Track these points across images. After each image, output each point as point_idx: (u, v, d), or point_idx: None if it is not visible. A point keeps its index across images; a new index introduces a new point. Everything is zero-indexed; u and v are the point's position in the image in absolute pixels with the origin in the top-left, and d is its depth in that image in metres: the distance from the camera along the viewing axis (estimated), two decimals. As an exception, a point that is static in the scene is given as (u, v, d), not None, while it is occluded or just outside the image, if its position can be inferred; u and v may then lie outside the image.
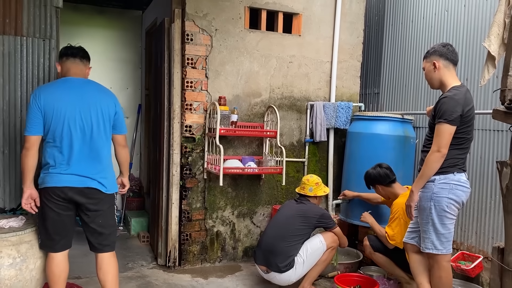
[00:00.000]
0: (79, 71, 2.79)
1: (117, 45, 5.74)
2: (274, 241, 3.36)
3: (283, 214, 3.52)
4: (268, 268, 3.38)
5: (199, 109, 3.99)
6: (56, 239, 2.73)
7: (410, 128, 4.16)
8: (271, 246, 3.36)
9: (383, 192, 3.52)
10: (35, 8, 3.37)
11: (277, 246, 3.33)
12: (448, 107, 2.61)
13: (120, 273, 3.82)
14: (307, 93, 4.42)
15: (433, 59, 2.78)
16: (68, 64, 2.77)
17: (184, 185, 3.98)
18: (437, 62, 2.76)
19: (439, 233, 2.70)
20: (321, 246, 3.38)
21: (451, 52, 2.78)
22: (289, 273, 3.32)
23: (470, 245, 3.64)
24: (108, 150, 2.80)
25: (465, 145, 2.72)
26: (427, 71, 2.83)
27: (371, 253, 3.50)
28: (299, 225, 3.38)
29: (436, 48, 2.79)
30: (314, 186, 3.55)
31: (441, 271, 2.74)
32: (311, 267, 3.39)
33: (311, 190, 3.54)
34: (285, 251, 3.31)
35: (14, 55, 3.31)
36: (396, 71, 4.61)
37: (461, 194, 2.70)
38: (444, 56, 2.76)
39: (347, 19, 4.52)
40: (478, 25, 3.68)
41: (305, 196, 3.56)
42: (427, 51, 2.86)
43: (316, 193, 3.54)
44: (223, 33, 4.03)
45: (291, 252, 3.33)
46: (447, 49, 2.78)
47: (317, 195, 3.56)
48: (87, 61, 2.87)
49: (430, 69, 2.80)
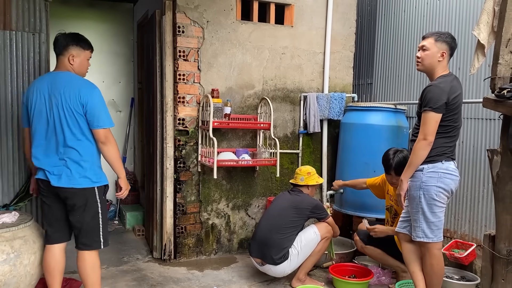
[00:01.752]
0: (60, 63, 2.74)
1: (109, 39, 5.69)
2: (268, 234, 3.37)
3: (277, 206, 3.53)
4: (263, 260, 3.40)
5: (192, 102, 3.98)
6: (49, 230, 2.78)
7: (403, 118, 4.18)
8: (265, 238, 3.37)
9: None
10: (24, 1, 3.35)
11: (271, 239, 3.34)
12: (433, 95, 2.63)
13: (116, 267, 3.84)
14: (300, 85, 4.41)
15: (444, 49, 2.76)
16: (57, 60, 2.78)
17: (178, 179, 3.98)
18: (445, 54, 2.77)
19: (429, 222, 2.72)
20: (315, 237, 3.40)
21: (456, 46, 2.83)
22: (284, 265, 3.34)
23: (464, 234, 3.67)
24: (79, 143, 2.65)
25: (453, 133, 2.74)
26: (431, 54, 2.76)
27: (363, 247, 3.52)
28: (292, 217, 3.39)
29: (450, 40, 2.77)
30: (305, 176, 3.55)
31: (432, 259, 2.77)
32: (305, 258, 3.40)
33: (302, 180, 3.55)
34: (279, 243, 3.33)
35: (4, 50, 3.28)
36: (389, 61, 4.61)
37: (450, 183, 2.72)
38: (452, 50, 2.81)
39: (340, 9, 4.51)
40: (470, 14, 3.68)
41: (298, 186, 3.57)
42: (441, 34, 2.78)
43: (308, 183, 3.55)
44: (215, 24, 4.01)
45: (285, 244, 3.34)
46: (455, 44, 2.82)
47: (309, 185, 3.56)
48: (66, 50, 2.71)
49: (435, 55, 2.76)
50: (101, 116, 2.66)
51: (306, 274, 3.48)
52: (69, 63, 2.73)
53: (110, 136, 2.72)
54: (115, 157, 2.75)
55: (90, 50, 2.83)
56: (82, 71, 2.81)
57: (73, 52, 2.72)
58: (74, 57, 2.73)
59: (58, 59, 2.75)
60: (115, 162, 2.77)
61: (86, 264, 2.76)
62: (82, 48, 2.76)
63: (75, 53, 2.73)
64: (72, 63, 2.73)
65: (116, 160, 2.76)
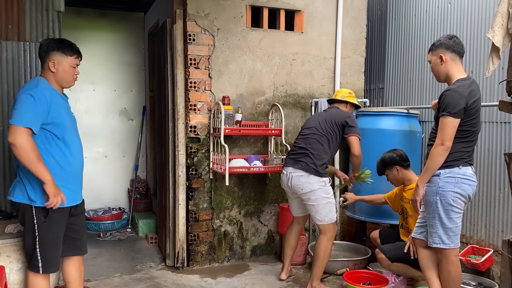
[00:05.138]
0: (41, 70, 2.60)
1: (120, 48, 5.75)
2: (303, 143, 3.47)
3: (313, 120, 3.59)
4: (293, 167, 3.45)
5: (203, 109, 3.99)
6: None
7: (416, 122, 4.13)
8: (301, 148, 3.47)
9: (399, 176, 3.46)
10: (37, 13, 3.39)
11: (307, 147, 3.43)
12: (452, 99, 2.59)
13: (129, 275, 3.85)
14: (311, 90, 4.40)
15: (440, 52, 2.74)
16: None
17: (190, 186, 3.98)
18: (444, 55, 2.72)
19: (446, 228, 2.67)
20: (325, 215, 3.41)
21: (457, 44, 2.74)
22: (313, 180, 3.36)
23: (480, 239, 3.61)
24: None
25: (471, 138, 2.69)
26: (434, 64, 2.79)
27: (389, 265, 3.39)
28: (328, 127, 3.46)
29: (442, 41, 2.75)
30: (347, 94, 3.63)
31: (449, 265, 2.72)
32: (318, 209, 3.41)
33: (343, 97, 3.62)
34: (313, 153, 3.39)
35: (18, 61, 3.33)
36: (401, 66, 4.58)
37: (467, 188, 2.67)
38: (451, 49, 2.73)
39: (350, 14, 4.50)
40: (482, 16, 3.64)
41: (336, 103, 3.65)
42: (433, 43, 2.81)
43: (348, 99, 3.61)
44: (225, 32, 4.03)
45: (320, 156, 3.40)
46: (454, 41, 2.74)
47: (348, 102, 3.61)
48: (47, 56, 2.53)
49: (436, 62, 2.76)
50: (14, 112, 2.36)
51: (318, 280, 3.44)
52: (50, 70, 2.54)
53: (17, 137, 2.32)
54: (26, 161, 2.35)
55: (75, 56, 2.59)
56: (65, 79, 2.59)
57: (53, 58, 2.53)
58: (55, 63, 2.53)
59: (41, 66, 2.60)
60: (29, 166, 2.36)
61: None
62: (64, 54, 2.54)
63: (56, 60, 2.53)
64: (53, 70, 2.54)
65: (28, 163, 2.36)
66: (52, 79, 2.57)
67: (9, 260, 2.66)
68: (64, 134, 2.54)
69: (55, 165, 2.50)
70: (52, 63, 2.53)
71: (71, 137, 2.59)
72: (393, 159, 3.47)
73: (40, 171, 2.39)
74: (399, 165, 3.44)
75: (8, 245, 2.68)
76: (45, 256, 2.51)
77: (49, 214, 2.49)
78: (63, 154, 2.54)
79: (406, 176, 3.46)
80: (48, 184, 2.41)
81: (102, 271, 3.93)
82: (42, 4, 3.40)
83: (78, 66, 2.66)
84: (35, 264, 2.51)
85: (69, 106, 2.70)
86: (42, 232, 2.49)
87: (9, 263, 2.66)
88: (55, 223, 2.53)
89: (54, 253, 2.55)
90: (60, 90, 2.62)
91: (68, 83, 2.63)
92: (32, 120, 2.38)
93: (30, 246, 2.51)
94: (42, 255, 2.50)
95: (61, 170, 2.53)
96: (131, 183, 5.83)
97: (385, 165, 3.52)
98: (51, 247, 2.53)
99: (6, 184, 3.30)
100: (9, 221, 3.04)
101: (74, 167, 2.60)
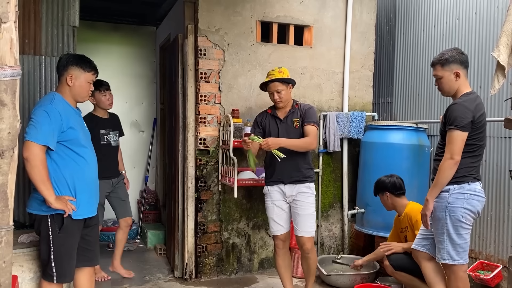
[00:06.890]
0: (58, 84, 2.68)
1: (132, 61, 5.85)
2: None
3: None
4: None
5: (213, 122, 4.04)
6: None
7: (424, 136, 4.15)
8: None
9: (389, 202, 3.46)
10: (53, 28, 3.49)
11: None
12: (459, 113, 2.60)
13: (138, 286, 3.87)
14: (319, 104, 4.44)
15: (455, 68, 2.70)
16: None
17: (199, 198, 4.02)
18: (460, 72, 2.70)
19: (455, 244, 2.67)
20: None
21: (467, 58, 2.76)
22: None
23: (489, 254, 3.59)
24: None
25: (478, 152, 2.70)
26: (447, 80, 2.73)
27: (393, 273, 3.39)
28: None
29: (456, 56, 2.71)
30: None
31: (458, 281, 2.71)
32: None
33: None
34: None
35: (34, 74, 3.42)
36: (409, 80, 4.61)
37: (477, 204, 2.67)
38: (464, 64, 2.73)
39: (358, 29, 4.55)
40: (490, 33, 3.67)
41: None
42: (442, 57, 2.74)
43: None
44: (235, 47, 4.10)
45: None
46: (465, 57, 2.74)
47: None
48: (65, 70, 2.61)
49: (450, 78, 2.72)
50: (29, 128, 2.41)
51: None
52: (66, 84, 2.60)
53: (32, 154, 2.38)
54: (36, 177, 2.41)
55: (92, 72, 2.67)
56: (81, 94, 2.66)
57: (71, 72, 2.59)
58: (72, 78, 2.59)
59: (58, 80, 2.67)
60: (38, 183, 2.43)
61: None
62: (82, 69, 2.62)
63: (74, 74, 2.60)
64: (70, 84, 2.60)
65: (38, 180, 2.42)
66: (68, 93, 2.63)
67: (21, 269, 2.71)
68: (78, 147, 2.61)
69: (70, 178, 2.57)
70: (70, 77, 2.60)
71: (85, 150, 2.65)
72: (385, 185, 3.45)
73: (48, 189, 2.45)
74: (390, 192, 3.44)
75: (21, 254, 2.72)
76: (60, 266, 2.56)
77: (64, 225, 2.54)
78: (78, 167, 2.60)
79: (397, 203, 3.43)
80: (52, 203, 2.45)
81: (111, 282, 3.97)
82: (58, 19, 3.51)
83: None
84: (50, 273, 2.55)
85: (82, 120, 2.77)
86: (56, 243, 2.53)
87: (22, 273, 2.70)
88: (70, 234, 2.58)
89: (68, 263, 2.59)
90: (74, 104, 2.69)
91: (83, 98, 2.71)
92: (48, 137, 2.45)
93: (45, 257, 2.56)
94: (57, 265, 2.54)
95: (76, 182, 2.59)
96: (140, 194, 5.88)
97: (377, 189, 3.54)
98: (66, 257, 2.58)
99: (19, 194, 3.36)
100: (22, 231, 3.09)
101: (88, 180, 2.66)
